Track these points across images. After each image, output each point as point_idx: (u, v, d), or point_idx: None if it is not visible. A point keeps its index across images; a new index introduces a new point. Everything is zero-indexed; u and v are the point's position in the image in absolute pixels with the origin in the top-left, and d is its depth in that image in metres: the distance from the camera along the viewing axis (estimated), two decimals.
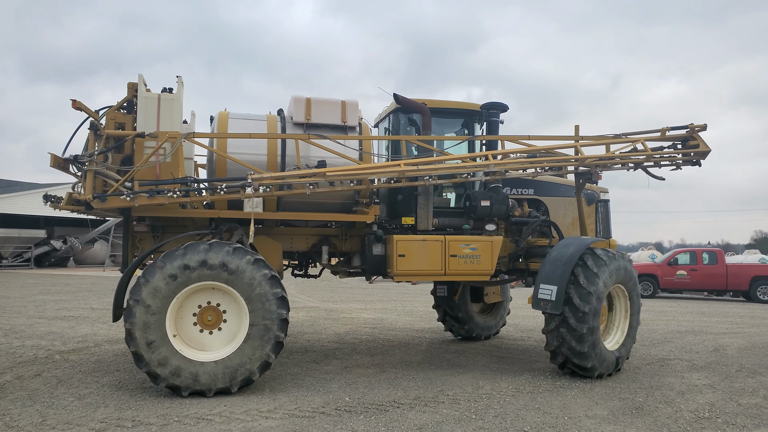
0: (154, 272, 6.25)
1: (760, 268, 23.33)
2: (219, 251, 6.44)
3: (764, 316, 16.45)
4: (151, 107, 7.23)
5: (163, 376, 6.16)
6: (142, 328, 6.13)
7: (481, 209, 8.32)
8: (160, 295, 6.23)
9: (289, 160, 7.70)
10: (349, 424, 5.39)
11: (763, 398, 6.66)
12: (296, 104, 7.95)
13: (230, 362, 6.37)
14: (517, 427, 5.39)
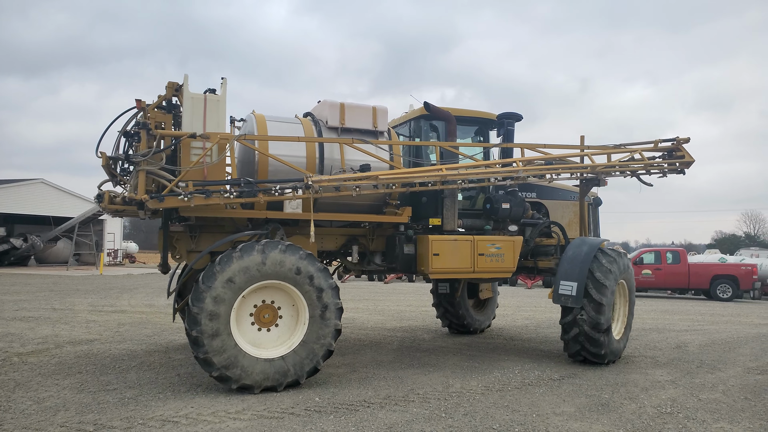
0: (214, 278, 6.33)
1: (719, 267, 24.06)
2: (274, 251, 6.59)
3: (723, 314, 16.96)
4: (198, 108, 7.19)
5: (234, 377, 6.32)
6: (209, 334, 6.25)
7: (503, 211, 9.01)
8: (223, 300, 6.35)
9: (326, 162, 7.94)
10: (318, 424, 5.35)
11: (722, 393, 6.85)
12: (331, 109, 8.19)
13: (297, 355, 6.63)
14: (487, 425, 5.43)
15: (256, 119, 7.93)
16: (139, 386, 6.64)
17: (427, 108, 8.97)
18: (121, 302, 16.48)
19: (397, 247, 8.50)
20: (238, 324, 6.54)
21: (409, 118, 9.50)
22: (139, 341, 9.75)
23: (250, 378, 6.39)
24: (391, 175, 7.72)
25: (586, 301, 8.11)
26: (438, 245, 8.38)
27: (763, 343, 10.96)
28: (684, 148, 9.75)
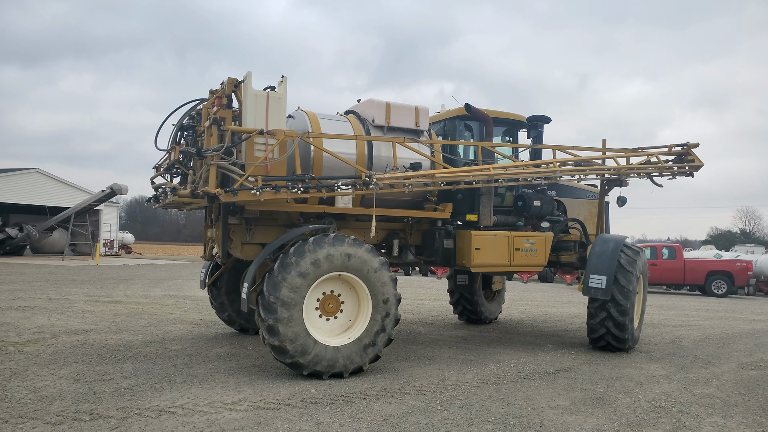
0: (290, 268, 6.59)
1: (715, 263, 24.16)
2: (342, 244, 6.93)
3: (718, 309, 17.04)
4: (260, 105, 7.32)
5: (306, 364, 6.62)
6: (284, 322, 6.49)
7: (534, 208, 9.63)
8: (298, 289, 6.62)
9: (375, 160, 8.27)
10: (314, 415, 5.37)
11: (715, 388, 6.89)
12: (378, 108, 8.49)
13: (361, 343, 6.98)
14: (482, 417, 5.45)
15: (309, 117, 8.14)
16: (135, 376, 6.65)
17: (467, 109, 9.36)
18: (117, 293, 16.46)
19: (436, 242, 8.92)
20: (307, 313, 6.78)
21: (443, 118, 9.87)
22: (135, 332, 9.75)
23: (321, 365, 6.70)
24: (446, 173, 8.20)
25: (615, 289, 8.75)
26: (479, 240, 8.86)
27: (757, 339, 11.02)
28: (693, 152, 10.35)
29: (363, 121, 8.59)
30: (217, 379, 6.63)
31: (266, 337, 6.59)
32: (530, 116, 10.05)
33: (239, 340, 9.15)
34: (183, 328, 10.32)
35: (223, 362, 7.53)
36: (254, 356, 7.96)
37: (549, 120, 10.03)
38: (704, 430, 5.28)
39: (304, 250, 6.73)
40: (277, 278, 6.55)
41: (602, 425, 5.32)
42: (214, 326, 10.60)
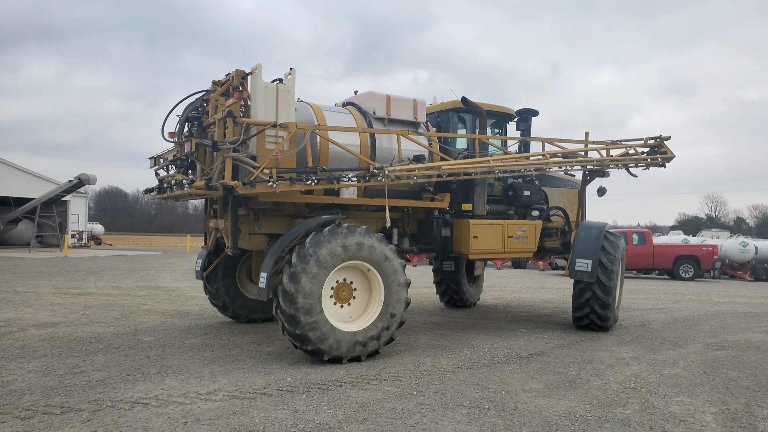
0: (309, 259, 6.78)
1: (682, 248, 24.76)
2: (355, 234, 7.17)
3: (685, 293, 17.50)
4: (270, 97, 7.39)
5: (326, 350, 6.83)
6: (304, 293, 6.69)
7: (525, 198, 10.19)
8: (316, 278, 6.82)
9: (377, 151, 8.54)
10: (290, 404, 5.36)
11: (682, 368, 7.09)
12: (379, 101, 8.73)
13: (376, 327, 7.27)
14: (457, 401, 5.51)
15: (313, 109, 8.28)
16: (107, 368, 6.55)
17: (464, 103, 9.70)
18: (87, 284, 16.15)
19: (434, 230, 9.30)
20: (324, 301, 6.97)
21: (437, 110, 10.13)
22: (106, 323, 9.59)
23: (340, 350, 6.94)
24: (452, 165, 8.48)
25: (600, 271, 9.36)
26: (477, 229, 9.27)
27: (721, 321, 11.36)
28: (666, 145, 10.88)
29: (364, 114, 8.78)
30: (191, 369, 6.57)
31: (287, 327, 6.77)
32: (519, 109, 10.53)
33: (213, 331, 9.08)
34: (156, 319, 10.19)
35: (197, 352, 7.47)
36: (229, 346, 7.90)
37: (537, 113, 10.58)
38: (672, 409, 5.43)
39: (321, 241, 6.92)
40: (296, 269, 6.71)
41: (574, 407, 5.43)
42: (188, 317, 10.49)
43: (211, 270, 9.44)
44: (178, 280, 18.41)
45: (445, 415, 5.12)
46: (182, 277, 19.58)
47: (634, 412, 5.33)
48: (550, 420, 5.04)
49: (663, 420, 5.11)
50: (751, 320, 11.57)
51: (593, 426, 4.92)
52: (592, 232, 9.81)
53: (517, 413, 5.22)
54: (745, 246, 25.77)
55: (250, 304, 9.75)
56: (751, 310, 13.24)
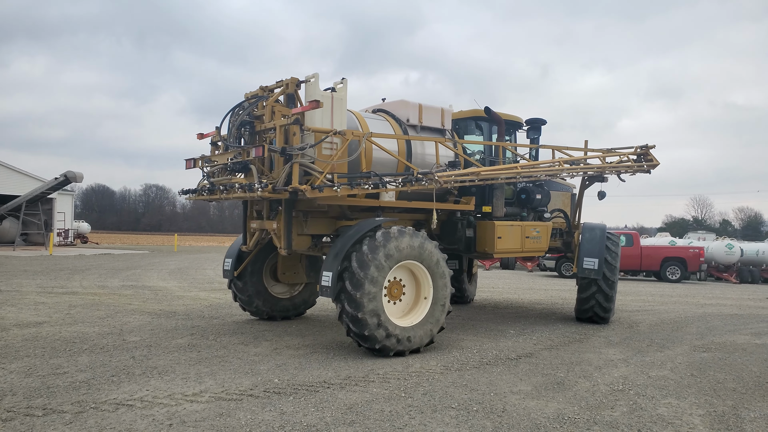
0: (378, 251, 7.28)
1: (669, 250, 24.94)
2: (417, 237, 7.76)
3: (672, 294, 17.62)
4: (326, 106, 7.73)
5: (390, 346, 7.32)
6: (367, 296, 7.11)
7: (536, 201, 10.96)
8: (382, 269, 7.31)
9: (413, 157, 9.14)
10: (277, 405, 5.31)
11: (670, 370, 7.11)
12: (412, 109, 9.36)
13: (430, 318, 7.82)
14: (445, 404, 5.49)
15: (357, 117, 8.76)
16: (91, 369, 6.45)
17: (487, 112, 10.45)
18: (72, 283, 15.96)
19: (459, 231, 9.85)
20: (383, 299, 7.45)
21: (456, 117, 10.77)
22: (91, 323, 9.47)
23: (402, 344, 7.43)
24: (490, 170, 9.23)
25: (605, 267, 10.40)
26: (501, 230, 10.01)
27: (708, 323, 11.43)
28: (652, 153, 11.80)
29: (399, 121, 9.34)
30: (177, 370, 6.49)
31: (354, 329, 7.21)
32: (528, 119, 11.22)
33: (200, 331, 8.99)
34: (142, 319, 10.08)
35: (183, 353, 7.38)
36: (216, 347, 7.82)
37: (545, 122, 11.22)
38: (659, 411, 5.44)
39: (378, 244, 7.36)
40: (359, 276, 7.13)
41: (563, 409, 5.42)
42: (175, 317, 10.38)
43: (240, 273, 9.74)
44: (165, 279, 18.26)
45: (434, 417, 5.09)
46: (169, 276, 19.42)
47: (622, 414, 5.33)
48: (538, 422, 5.03)
49: (651, 422, 5.11)
50: (737, 322, 11.66)
51: (582, 428, 4.91)
52: (596, 233, 10.81)
53: (506, 415, 5.20)
54: (731, 248, 26.02)
55: (273, 301, 10.11)
56: (737, 312, 13.35)
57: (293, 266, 10.16)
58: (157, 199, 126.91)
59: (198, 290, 15.17)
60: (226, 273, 9.80)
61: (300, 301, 10.47)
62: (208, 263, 27.05)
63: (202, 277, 19.54)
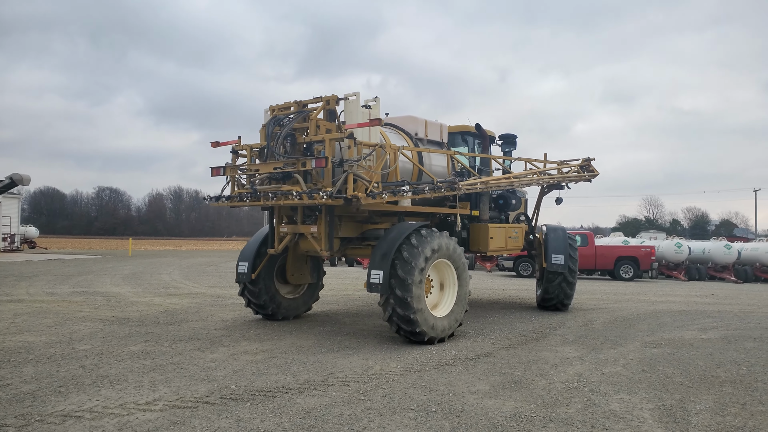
0: (419, 254, 8.22)
1: (623, 249, 25.68)
2: (447, 238, 8.88)
3: (625, 293, 18.14)
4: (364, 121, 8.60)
5: (435, 336, 8.38)
6: (416, 297, 8.07)
7: (512, 206, 12.49)
8: (420, 283, 8.20)
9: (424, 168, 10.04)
10: (234, 412, 5.21)
11: (622, 367, 7.31)
12: (419, 124, 10.40)
13: (456, 311, 8.95)
14: (405, 405, 5.49)
15: (380, 131, 9.48)
16: (36, 380, 6.20)
17: (478, 129, 12.00)
18: (18, 291, 15.32)
19: (454, 233, 10.47)
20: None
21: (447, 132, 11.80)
22: (38, 332, 9.10)
23: (435, 332, 8.41)
24: (496, 180, 11.03)
25: (570, 262, 12.25)
26: (492, 231, 11.52)
27: (659, 319, 11.82)
28: (593, 165, 13.95)
29: (409, 135, 10.30)
30: (129, 378, 6.31)
31: (404, 327, 8.19)
32: (501, 134, 12.88)
33: (155, 338, 8.76)
34: (93, 326, 9.75)
35: (136, 361, 7.18)
36: (171, 353, 7.63)
37: (516, 137, 12.87)
38: (612, 407, 5.58)
39: (420, 243, 8.36)
40: (406, 281, 8.02)
41: (520, 408, 5.50)
42: (128, 323, 10.09)
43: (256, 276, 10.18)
44: (119, 285, 17.74)
45: (393, 420, 5.08)
46: (123, 281, 18.88)
47: (576, 411, 5.44)
48: (496, 421, 5.08)
49: (604, 418, 5.23)
50: (685, 318, 12.08)
51: (538, 426, 4.99)
52: (560, 234, 12.71)
53: (464, 415, 5.24)
54: (680, 247, 26.97)
55: (284, 303, 10.66)
56: (685, 309, 13.84)
57: (300, 268, 10.76)
58: (111, 202, 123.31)
59: (153, 295, 14.78)
60: (242, 276, 10.14)
61: (302, 301, 11.11)
62: (164, 268, 26.42)
63: (157, 282, 19.06)
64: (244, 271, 10.08)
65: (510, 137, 12.78)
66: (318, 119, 8.50)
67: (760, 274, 26.47)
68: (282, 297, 10.62)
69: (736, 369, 7.30)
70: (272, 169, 8.74)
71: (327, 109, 8.53)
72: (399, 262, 8.11)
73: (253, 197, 8.82)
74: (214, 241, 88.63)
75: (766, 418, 5.34)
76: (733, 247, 26.85)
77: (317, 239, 8.92)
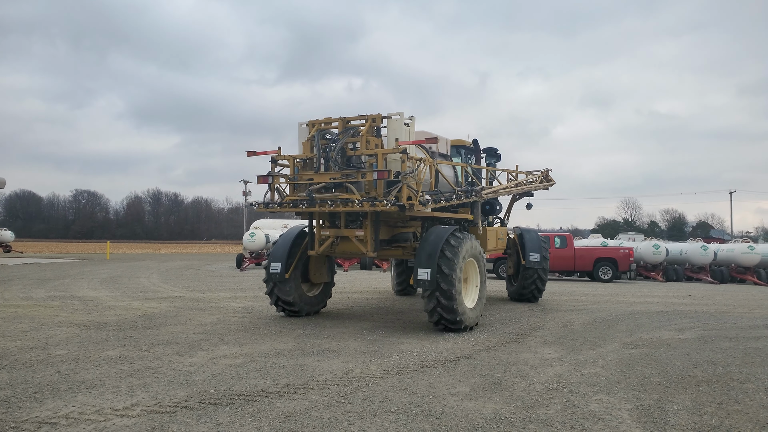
0: (459, 252, 9.65)
1: (601, 251, 25.94)
2: (474, 239, 10.48)
3: (604, 294, 18.34)
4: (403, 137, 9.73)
5: (464, 320, 9.69)
6: (457, 290, 9.42)
7: (497, 211, 14.49)
8: (461, 269, 9.63)
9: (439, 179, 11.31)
10: (213, 416, 5.16)
11: (601, 367, 7.39)
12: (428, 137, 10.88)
13: (480, 303, 10.47)
14: (385, 408, 5.49)
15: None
16: (11, 386, 6.07)
17: (475, 143, 13.73)
18: None
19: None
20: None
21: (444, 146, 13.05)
22: (12, 337, 8.92)
23: (469, 321, 9.89)
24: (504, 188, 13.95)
25: (543, 259, 14.29)
26: (490, 233, 13.28)
27: (637, 320, 11.97)
28: (550, 175, 16.23)
29: (425, 148, 11.30)
30: (106, 384, 6.21)
31: (446, 317, 9.49)
32: (485, 148, 14.37)
33: (132, 342, 8.64)
34: (69, 331, 9.59)
35: (114, 366, 7.07)
36: (149, 358, 7.53)
37: (498, 149, 14.63)
38: (591, 407, 5.64)
39: (464, 241, 9.87)
40: (450, 276, 9.33)
41: (500, 409, 5.52)
42: (105, 328, 9.94)
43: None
44: (96, 288, 17.47)
45: (373, 423, 5.07)
46: (100, 285, 18.60)
47: (556, 412, 5.49)
48: (476, 423, 5.10)
49: (583, 419, 5.28)
50: (662, 319, 12.26)
51: (518, 427, 5.02)
52: (533, 235, 14.78)
53: (444, 417, 5.25)
54: (657, 248, 27.32)
55: (306, 300, 11.59)
56: (662, 309, 14.04)
57: (320, 268, 11.78)
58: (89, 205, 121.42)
59: (131, 299, 14.58)
60: (274, 276, 10.86)
61: (320, 298, 12.11)
62: (142, 271, 26.08)
63: (135, 285, 18.81)
64: (277, 271, 10.80)
65: (493, 150, 14.50)
66: (371, 137, 9.73)
67: (735, 275, 26.94)
68: (305, 295, 11.54)
69: (712, 369, 7.42)
70: (329, 179, 9.82)
71: (374, 126, 9.76)
72: (443, 260, 9.40)
73: (309, 203, 9.76)
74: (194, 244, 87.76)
75: (742, 417, 5.43)
76: (709, 249, 27.28)
77: (363, 242, 10.10)
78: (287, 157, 10.46)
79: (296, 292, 11.14)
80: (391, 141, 9.69)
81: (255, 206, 10.67)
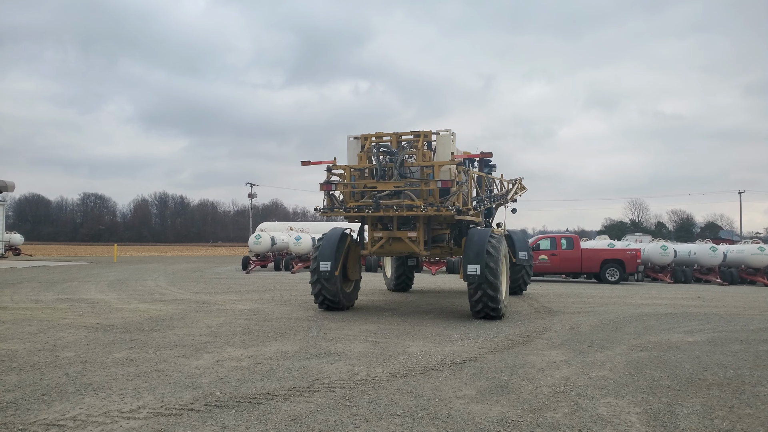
0: (500, 250, 11.31)
1: (609, 252, 25.80)
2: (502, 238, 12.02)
3: (611, 296, 18.24)
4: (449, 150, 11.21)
5: (502, 309, 11.36)
6: (501, 283, 11.08)
7: (492, 215, 16.23)
8: (502, 263, 11.31)
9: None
10: (219, 419, 5.15)
11: (609, 370, 7.33)
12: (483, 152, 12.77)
13: (506, 297, 11.59)
14: (391, 411, 5.46)
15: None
16: (19, 389, 6.10)
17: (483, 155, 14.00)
18: (2, 298, 15.10)
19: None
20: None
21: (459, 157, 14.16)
22: (21, 339, 8.97)
23: (504, 311, 11.49)
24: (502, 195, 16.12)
25: (530, 259, 16.41)
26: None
27: (645, 322, 11.89)
28: (522, 183, 17.97)
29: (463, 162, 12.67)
30: (113, 386, 6.22)
31: (490, 305, 11.12)
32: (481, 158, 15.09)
33: (139, 344, 8.66)
34: (77, 333, 9.63)
35: (121, 368, 7.09)
36: (155, 360, 7.55)
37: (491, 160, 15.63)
38: (599, 411, 5.59)
39: (500, 245, 11.42)
40: (495, 269, 10.93)
41: (506, 412, 5.49)
42: (113, 330, 9.97)
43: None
44: (104, 291, 17.54)
45: (379, 426, 5.05)
46: (108, 288, 18.68)
47: (564, 415, 5.45)
48: (482, 426, 5.07)
49: (591, 422, 5.24)
50: (671, 321, 12.17)
51: (525, 431, 4.99)
52: (520, 236, 16.77)
53: (451, 420, 5.22)
54: (665, 249, 27.15)
55: (345, 295, 12.83)
56: (671, 311, 13.94)
57: (355, 266, 13.15)
58: (96, 208, 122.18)
59: (138, 302, 14.63)
60: (324, 274, 11.92)
61: (354, 294, 13.46)
62: (149, 274, 26.18)
63: (142, 288, 18.88)
64: (327, 269, 11.86)
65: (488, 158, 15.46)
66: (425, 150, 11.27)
67: (745, 276, 26.69)
68: (344, 290, 12.79)
69: (723, 372, 7.35)
70: (393, 187, 11.22)
71: (427, 141, 11.38)
72: (489, 257, 10.92)
73: (374, 209, 11.14)
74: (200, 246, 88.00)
75: (754, 420, 5.37)
76: (718, 250, 27.07)
77: (416, 242, 11.69)
78: (344, 167, 11.72)
79: (340, 289, 12.43)
80: (439, 153, 11.15)
81: (317, 212, 12.00)
